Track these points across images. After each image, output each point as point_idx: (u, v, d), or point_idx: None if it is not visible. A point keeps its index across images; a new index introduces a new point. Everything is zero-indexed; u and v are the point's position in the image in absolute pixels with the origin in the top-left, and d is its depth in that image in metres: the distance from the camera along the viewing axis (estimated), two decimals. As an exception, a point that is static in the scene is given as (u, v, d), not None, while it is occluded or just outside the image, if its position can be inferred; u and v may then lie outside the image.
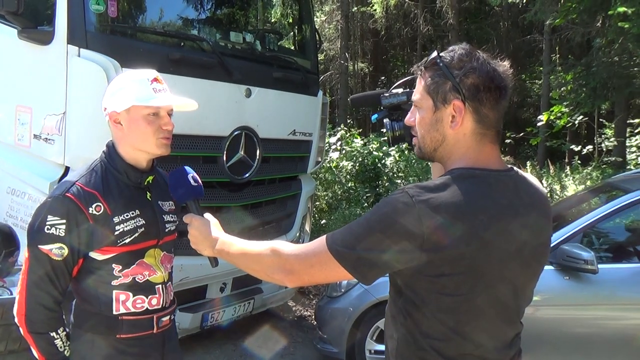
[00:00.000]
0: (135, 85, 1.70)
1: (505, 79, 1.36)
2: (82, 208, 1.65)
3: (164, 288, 1.84)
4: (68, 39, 3.17)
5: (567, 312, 3.39)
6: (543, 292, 3.39)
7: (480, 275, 1.28)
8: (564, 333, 3.31)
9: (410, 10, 16.94)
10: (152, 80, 1.71)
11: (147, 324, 1.79)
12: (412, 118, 1.44)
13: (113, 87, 1.74)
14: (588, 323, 3.35)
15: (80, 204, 1.65)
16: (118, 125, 1.72)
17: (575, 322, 3.37)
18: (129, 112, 1.70)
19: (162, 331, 1.83)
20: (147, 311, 1.78)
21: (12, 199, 3.39)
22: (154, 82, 1.71)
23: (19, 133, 3.38)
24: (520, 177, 1.41)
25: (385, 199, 1.33)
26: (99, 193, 1.69)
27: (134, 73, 1.75)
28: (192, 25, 4.02)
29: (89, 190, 1.68)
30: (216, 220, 1.66)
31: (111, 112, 1.72)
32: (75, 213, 1.64)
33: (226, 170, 3.85)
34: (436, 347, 1.32)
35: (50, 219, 1.63)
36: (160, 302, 1.81)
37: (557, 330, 3.32)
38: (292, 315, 5.28)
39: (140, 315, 1.77)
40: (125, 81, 1.73)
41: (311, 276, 1.41)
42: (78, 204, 1.64)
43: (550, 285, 3.33)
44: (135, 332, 1.76)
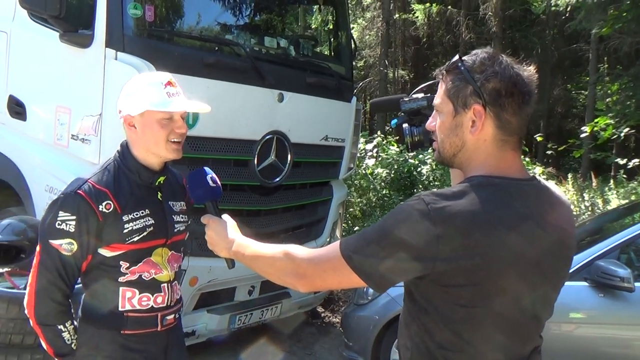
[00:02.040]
0: (150, 89, 1.73)
1: (530, 84, 1.32)
2: (93, 205, 1.69)
3: (170, 287, 1.87)
4: (106, 42, 3.26)
5: (601, 331, 3.26)
6: (576, 309, 3.29)
7: (497, 286, 1.24)
8: (596, 353, 3.19)
9: (453, 18, 16.75)
10: (165, 84, 1.74)
11: (152, 321, 1.82)
12: (433, 122, 1.42)
13: (128, 90, 1.77)
14: (622, 343, 3.21)
15: (90, 201, 1.69)
16: (132, 128, 1.76)
17: (608, 341, 3.24)
18: (143, 116, 1.73)
19: (166, 329, 1.86)
20: (152, 309, 1.82)
21: (50, 197, 3.50)
22: (168, 86, 1.74)
23: (58, 133, 3.50)
24: (542, 187, 1.37)
25: (401, 206, 1.30)
26: (110, 191, 1.73)
27: (149, 76, 1.79)
28: (227, 29, 4.07)
29: (100, 188, 1.72)
30: (234, 222, 1.66)
31: (126, 115, 1.75)
32: (85, 210, 1.68)
33: (257, 174, 3.88)
34: (449, 358, 1.29)
35: (61, 214, 1.68)
36: (165, 300, 1.85)
37: (590, 349, 3.20)
38: (320, 321, 5.26)
39: (145, 312, 1.81)
40: (140, 85, 1.76)
41: (324, 281, 1.40)
42: (88, 201, 1.69)
43: (584, 302, 3.22)
44: (139, 328, 1.80)
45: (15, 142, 3.80)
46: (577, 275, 3.24)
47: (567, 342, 3.29)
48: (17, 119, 3.76)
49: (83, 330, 1.79)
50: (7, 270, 2.68)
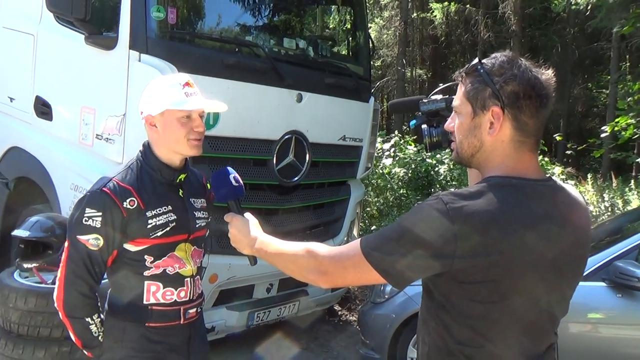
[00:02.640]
0: (169, 90, 1.80)
1: (547, 87, 1.35)
2: (117, 202, 1.76)
3: (192, 281, 1.93)
4: (130, 45, 3.34)
5: (619, 332, 3.26)
6: (594, 309, 3.29)
7: (513, 283, 1.27)
8: (614, 353, 3.18)
9: (472, 17, 16.65)
10: (184, 85, 1.80)
11: (175, 314, 1.88)
12: (451, 123, 1.45)
13: (148, 92, 1.85)
14: None
15: (115, 198, 1.76)
16: (153, 127, 1.83)
17: (626, 342, 3.23)
18: (163, 116, 1.80)
19: (188, 323, 1.92)
20: (175, 303, 1.88)
21: (75, 195, 3.59)
22: (186, 87, 1.80)
23: (83, 132, 3.59)
24: (558, 188, 1.40)
25: (420, 205, 1.34)
26: (134, 189, 1.80)
27: (168, 78, 1.87)
28: (246, 31, 4.14)
29: (124, 186, 1.79)
30: (256, 220, 1.71)
31: (147, 115, 1.82)
32: (110, 206, 1.75)
33: (276, 174, 3.94)
34: (467, 353, 1.32)
35: (88, 211, 1.75)
36: (188, 294, 1.91)
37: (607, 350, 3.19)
38: (337, 319, 5.30)
39: (169, 306, 1.87)
40: (160, 86, 1.83)
41: (344, 278, 1.45)
42: (114, 198, 1.76)
43: (602, 302, 3.22)
44: (163, 321, 1.86)
45: (42, 141, 3.91)
46: (595, 275, 3.25)
47: (584, 342, 3.29)
48: (43, 119, 3.86)
49: (109, 322, 1.86)
50: (35, 265, 2.76)
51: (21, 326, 2.55)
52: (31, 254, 2.81)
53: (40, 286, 2.66)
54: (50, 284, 2.69)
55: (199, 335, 2.01)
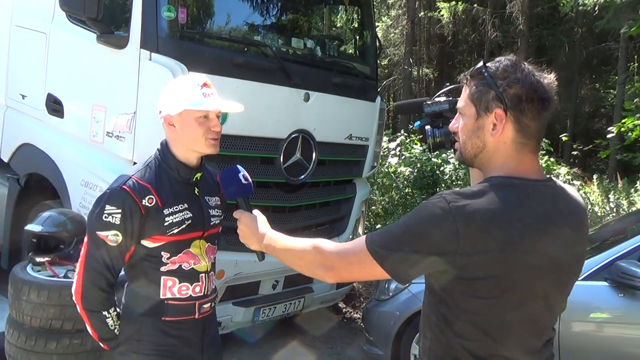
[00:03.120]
0: (187, 91, 1.84)
1: (549, 91, 1.39)
2: (136, 200, 1.81)
3: (207, 277, 1.98)
4: (141, 44, 3.40)
5: (621, 331, 3.28)
6: (596, 308, 3.32)
7: (513, 281, 1.32)
8: (616, 352, 3.21)
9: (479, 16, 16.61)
10: (202, 86, 1.85)
11: (190, 309, 1.93)
12: (455, 124, 1.50)
13: (167, 92, 1.89)
14: (641, 343, 3.24)
15: (134, 196, 1.81)
16: (172, 127, 1.87)
17: (628, 341, 3.26)
18: (182, 115, 1.84)
19: (203, 317, 1.97)
20: (190, 297, 1.92)
21: (85, 191, 3.66)
22: (204, 87, 1.85)
23: (93, 130, 3.65)
24: (558, 188, 1.44)
25: (424, 204, 1.39)
26: (152, 187, 1.84)
27: (186, 79, 1.91)
28: (255, 31, 4.19)
29: (143, 184, 1.84)
30: (264, 217, 1.76)
31: (165, 115, 1.87)
32: (130, 204, 1.80)
33: (282, 172, 3.99)
34: (467, 347, 1.37)
35: (108, 208, 1.80)
36: (202, 289, 1.95)
37: (609, 349, 3.22)
38: (342, 316, 5.35)
39: (184, 301, 1.91)
40: (178, 87, 1.88)
41: (350, 273, 1.49)
42: (133, 196, 1.80)
43: (604, 302, 3.25)
44: (179, 316, 1.91)
45: (53, 138, 3.98)
46: (598, 275, 3.28)
47: (587, 341, 3.32)
48: (54, 116, 3.93)
49: (126, 316, 1.91)
50: (47, 259, 2.82)
51: (33, 318, 2.60)
52: (43, 248, 2.87)
53: (53, 280, 2.72)
54: (62, 278, 2.76)
55: (212, 330, 2.06)
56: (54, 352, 2.58)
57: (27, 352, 2.58)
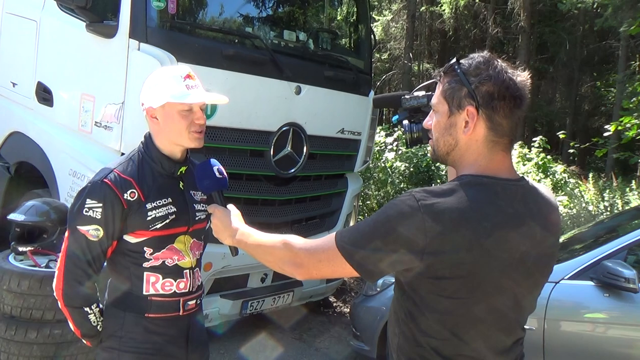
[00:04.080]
0: (170, 82, 1.79)
1: (522, 89, 1.37)
2: (118, 193, 1.77)
3: (192, 273, 1.94)
4: (130, 33, 3.37)
5: (605, 331, 3.28)
6: (582, 308, 3.31)
7: (480, 281, 1.30)
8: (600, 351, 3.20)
9: (480, 11, 16.57)
10: (185, 77, 1.80)
11: (174, 306, 1.89)
12: (429, 121, 1.48)
13: (149, 83, 1.84)
14: (626, 343, 3.22)
15: (116, 189, 1.77)
16: (154, 119, 1.83)
17: (612, 341, 3.24)
18: (164, 108, 1.80)
19: (187, 314, 1.93)
20: (174, 294, 1.89)
21: (73, 181, 3.65)
22: (187, 79, 1.80)
23: (82, 119, 3.63)
24: (530, 188, 1.42)
25: (393, 201, 1.37)
26: (134, 180, 1.80)
27: (169, 70, 1.86)
28: (246, 22, 4.16)
29: (125, 177, 1.80)
30: (238, 212, 1.75)
31: (148, 107, 1.82)
32: (111, 198, 1.76)
33: (273, 165, 3.97)
34: (434, 346, 1.36)
35: (88, 202, 1.76)
36: (187, 286, 1.92)
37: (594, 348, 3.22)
38: (332, 310, 5.35)
39: (168, 297, 1.88)
40: (160, 78, 1.83)
41: (319, 270, 1.47)
42: (114, 190, 1.77)
43: (589, 301, 3.24)
44: (162, 312, 1.87)
45: (42, 127, 3.96)
46: (584, 274, 3.27)
47: (572, 340, 3.31)
48: (44, 105, 3.91)
49: (109, 312, 1.88)
50: (30, 249, 2.81)
51: (14, 308, 2.59)
52: (26, 238, 2.86)
53: (34, 269, 2.71)
54: (44, 268, 2.75)
55: (198, 327, 2.02)
56: (34, 341, 2.57)
57: (7, 342, 2.58)
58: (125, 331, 1.85)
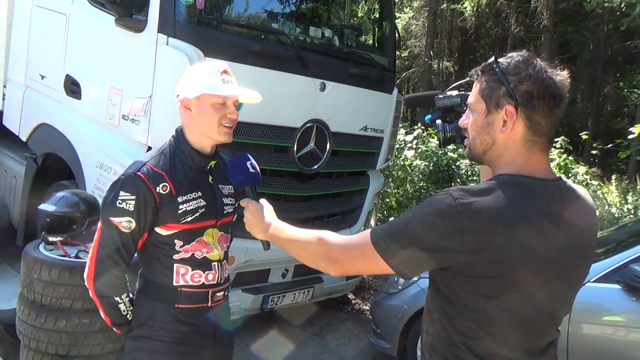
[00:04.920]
0: (207, 76, 1.83)
1: (561, 88, 1.36)
2: (151, 187, 1.80)
3: (220, 265, 1.97)
4: (159, 28, 3.40)
5: (632, 335, 3.24)
6: (608, 311, 3.28)
7: (516, 280, 1.30)
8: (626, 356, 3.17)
9: (503, 10, 16.40)
10: (222, 72, 1.83)
11: (203, 297, 1.92)
12: (465, 120, 1.48)
13: (187, 76, 1.88)
14: (652, 348, 3.19)
15: (149, 182, 1.80)
16: (188, 110, 1.86)
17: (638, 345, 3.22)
18: (199, 100, 1.83)
19: (215, 305, 1.97)
20: (203, 285, 1.92)
21: (99, 173, 3.70)
22: (224, 74, 1.83)
23: (109, 112, 3.68)
24: (567, 188, 1.41)
25: (430, 199, 1.37)
26: (166, 174, 1.83)
27: (206, 64, 1.90)
28: (273, 18, 4.17)
29: (157, 171, 1.83)
30: (270, 207, 1.76)
31: (183, 98, 1.86)
32: (144, 191, 1.79)
33: (296, 161, 3.98)
34: (468, 345, 1.36)
35: (122, 194, 1.79)
36: (215, 278, 1.95)
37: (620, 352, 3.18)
38: (350, 307, 5.36)
39: (197, 288, 1.91)
40: (198, 71, 1.87)
41: (353, 266, 1.48)
42: (147, 183, 1.80)
43: (616, 305, 3.21)
44: (192, 303, 1.90)
45: (70, 119, 4.01)
46: (610, 277, 3.23)
47: (596, 344, 3.29)
48: (72, 98, 3.96)
49: (140, 302, 1.92)
50: (59, 239, 2.85)
51: (44, 296, 2.63)
52: (56, 228, 2.91)
53: (64, 259, 2.75)
54: (74, 258, 2.79)
55: (225, 319, 2.05)
56: (63, 330, 2.61)
57: (37, 329, 2.62)
58: (156, 321, 1.88)
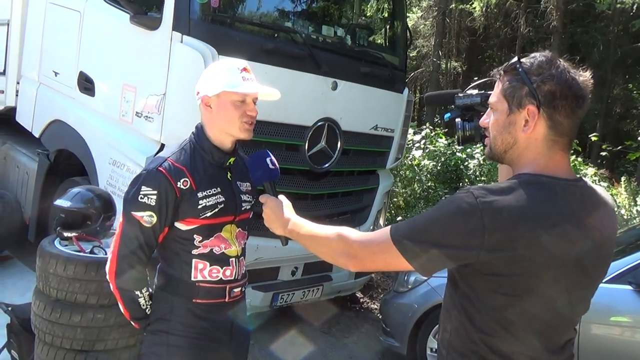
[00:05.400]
0: (227, 73, 1.85)
1: (584, 88, 1.37)
2: (172, 182, 1.82)
3: (237, 261, 1.99)
4: (173, 26, 3.42)
5: (643, 335, 3.25)
6: (619, 312, 3.28)
7: (537, 279, 1.31)
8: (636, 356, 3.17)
9: (512, 10, 16.32)
10: (241, 70, 1.86)
11: (221, 292, 1.95)
12: (486, 119, 1.48)
13: (207, 74, 1.91)
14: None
15: (170, 178, 1.82)
16: (208, 108, 1.88)
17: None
18: (219, 97, 1.85)
19: (232, 301, 1.99)
20: (221, 281, 1.94)
21: (112, 170, 3.72)
22: (243, 72, 1.86)
23: (123, 109, 3.70)
24: (588, 188, 1.42)
25: (450, 198, 1.38)
26: (187, 169, 1.86)
27: (226, 62, 1.91)
28: (286, 17, 4.19)
29: (178, 166, 1.85)
30: (289, 203, 1.78)
31: (203, 95, 1.88)
32: (165, 186, 1.82)
33: (307, 159, 4.00)
34: (487, 342, 1.36)
35: (144, 189, 1.82)
36: (233, 273, 1.97)
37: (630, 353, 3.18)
38: (359, 306, 5.37)
39: (215, 284, 1.93)
40: (218, 69, 1.89)
41: (373, 262, 1.49)
42: (168, 178, 1.82)
43: (627, 306, 3.21)
44: (209, 298, 1.93)
45: (83, 115, 4.04)
46: (622, 278, 3.23)
47: (607, 344, 3.29)
48: (86, 94, 3.99)
49: (159, 296, 1.95)
50: (74, 235, 2.87)
51: (59, 291, 2.65)
52: (71, 224, 2.93)
53: (80, 255, 2.76)
54: (88, 253, 2.81)
55: (242, 315, 2.07)
56: (78, 325, 2.62)
57: (51, 324, 2.64)
58: (174, 315, 1.91)
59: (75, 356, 2.62)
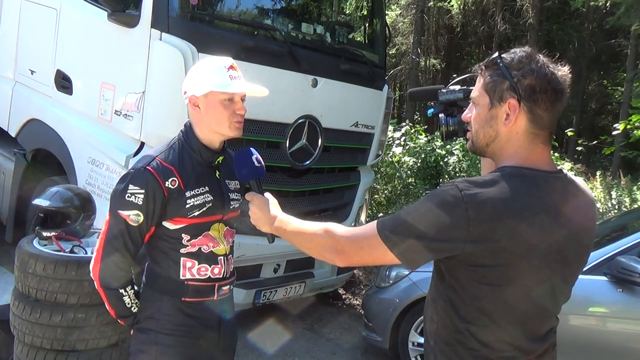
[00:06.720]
0: (214, 72, 1.83)
1: (563, 83, 1.40)
2: (160, 181, 1.81)
3: (225, 260, 1.99)
4: (152, 23, 3.39)
5: (618, 326, 3.32)
6: (595, 303, 3.35)
7: (520, 269, 1.34)
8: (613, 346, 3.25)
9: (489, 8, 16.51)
10: (228, 68, 1.84)
11: (209, 290, 1.94)
12: (469, 114, 1.51)
13: (193, 73, 1.88)
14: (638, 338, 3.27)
15: (158, 177, 1.81)
16: (196, 108, 1.87)
17: (625, 336, 3.29)
18: (207, 97, 1.84)
19: (221, 299, 1.99)
20: (209, 279, 1.94)
21: (91, 169, 3.68)
22: (230, 70, 1.84)
23: (102, 108, 3.66)
24: (568, 180, 1.46)
25: (435, 191, 1.41)
26: (175, 169, 1.85)
27: (213, 60, 1.89)
28: (266, 15, 4.18)
29: (166, 166, 1.84)
30: (275, 200, 1.78)
31: (191, 95, 1.86)
32: (153, 185, 1.80)
33: (288, 156, 4.00)
34: (472, 332, 1.40)
35: (131, 188, 1.80)
36: (221, 272, 1.97)
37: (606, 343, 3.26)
38: (341, 302, 5.40)
39: (204, 282, 1.93)
40: (205, 67, 1.87)
41: (360, 257, 1.51)
42: (156, 177, 1.81)
43: (603, 296, 3.28)
44: (198, 296, 1.92)
45: (61, 114, 3.99)
46: (598, 269, 3.30)
47: (584, 335, 3.36)
48: (63, 93, 3.94)
49: (147, 295, 1.94)
50: (54, 234, 2.83)
51: (39, 291, 2.61)
52: (50, 223, 2.89)
53: (59, 254, 2.73)
54: (68, 253, 2.78)
55: (229, 313, 2.06)
56: (58, 325, 2.59)
57: (31, 324, 2.60)
58: (163, 314, 1.90)
59: (56, 356, 2.59)
